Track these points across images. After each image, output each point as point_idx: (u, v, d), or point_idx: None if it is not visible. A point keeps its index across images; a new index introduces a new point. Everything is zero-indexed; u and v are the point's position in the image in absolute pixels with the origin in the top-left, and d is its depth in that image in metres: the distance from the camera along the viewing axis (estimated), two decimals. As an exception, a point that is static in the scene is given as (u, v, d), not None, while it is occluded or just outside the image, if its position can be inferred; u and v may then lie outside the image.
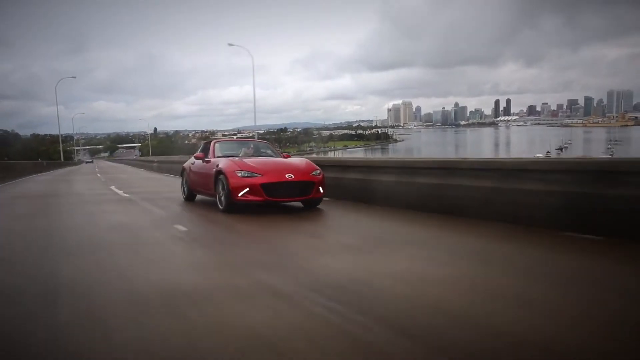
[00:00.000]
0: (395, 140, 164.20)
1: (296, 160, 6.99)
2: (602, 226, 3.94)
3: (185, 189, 8.07)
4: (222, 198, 6.19)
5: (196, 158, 7.45)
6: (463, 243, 4.11)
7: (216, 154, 7.11)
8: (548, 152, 76.53)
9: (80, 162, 60.86)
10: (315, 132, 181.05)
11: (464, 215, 5.20)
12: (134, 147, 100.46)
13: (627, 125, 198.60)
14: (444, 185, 5.64)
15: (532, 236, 4.17)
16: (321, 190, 6.27)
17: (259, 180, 5.87)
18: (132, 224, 5.57)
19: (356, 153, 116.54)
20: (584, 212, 4.13)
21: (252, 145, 7.94)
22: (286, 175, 5.99)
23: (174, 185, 10.72)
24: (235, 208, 6.06)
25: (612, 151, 74.74)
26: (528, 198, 4.59)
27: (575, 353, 1.85)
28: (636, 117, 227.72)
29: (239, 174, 5.95)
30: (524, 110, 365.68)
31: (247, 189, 5.83)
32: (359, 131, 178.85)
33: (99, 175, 20.45)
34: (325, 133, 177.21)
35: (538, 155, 66.40)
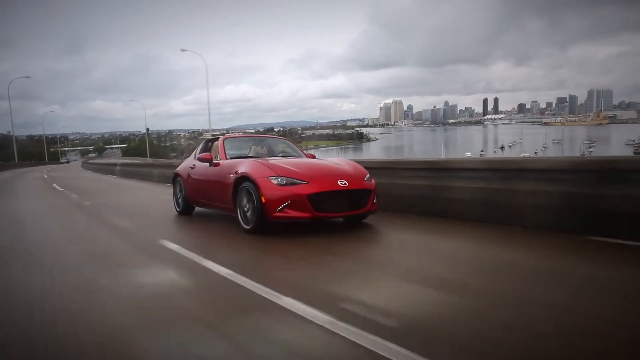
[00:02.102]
0: (369, 140, 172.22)
1: (340, 162, 5.37)
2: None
3: (180, 200, 6.43)
4: (249, 214, 4.57)
5: (200, 160, 5.67)
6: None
7: (228, 155, 5.59)
8: (482, 151, 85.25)
9: (64, 161, 68.96)
10: (299, 131, 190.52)
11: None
12: (119, 148, 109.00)
13: (601, 124, 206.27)
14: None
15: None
16: (375, 201, 4.86)
17: (303, 189, 4.32)
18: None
19: (329, 152, 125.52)
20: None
21: (267, 143, 6.47)
22: (338, 182, 4.47)
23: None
24: (267, 228, 4.49)
25: (541, 149, 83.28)
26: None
27: None
28: (615, 116, 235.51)
29: (275, 181, 4.38)
30: (515, 108, 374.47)
31: (288, 201, 4.27)
32: (336, 131, 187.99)
33: (45, 176, 22.46)
34: (309, 132, 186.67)
35: (467, 154, 75.26)
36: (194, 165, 6.07)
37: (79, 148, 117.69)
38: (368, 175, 4.97)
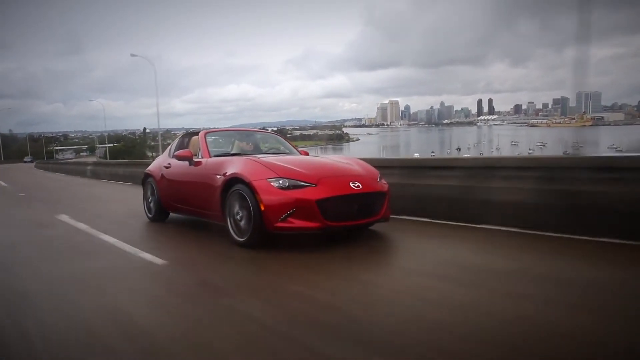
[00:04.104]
0: (348, 140, 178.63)
1: (345, 160, 4.61)
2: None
3: (152, 205, 5.55)
4: (242, 224, 3.86)
5: (178, 158, 4.82)
6: None
7: (212, 152, 4.74)
8: (433, 152, 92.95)
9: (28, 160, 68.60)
10: (289, 131, 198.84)
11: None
12: (108, 147, 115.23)
13: (584, 126, 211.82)
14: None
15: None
16: (389, 207, 4.19)
17: (311, 193, 3.63)
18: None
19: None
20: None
21: (254, 138, 5.52)
22: (351, 185, 3.81)
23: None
24: (266, 240, 3.80)
25: (491, 150, 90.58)
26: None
27: None
28: (602, 118, 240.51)
29: (275, 184, 3.68)
30: (511, 109, 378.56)
31: (293, 209, 3.58)
32: (320, 132, 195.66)
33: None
34: (296, 133, 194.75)
35: (415, 155, 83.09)
36: (170, 164, 5.29)
37: (74, 147, 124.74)
38: (379, 176, 4.30)
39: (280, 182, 3.71)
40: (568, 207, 4.03)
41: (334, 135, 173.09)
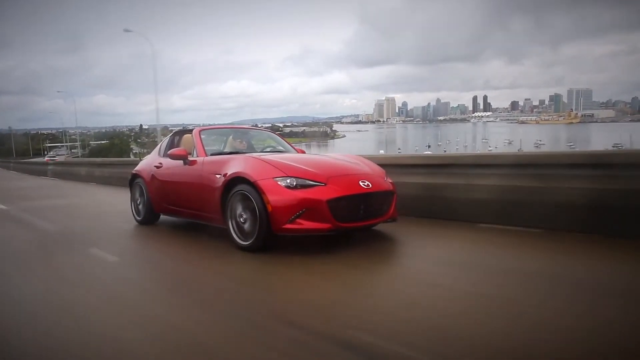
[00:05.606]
0: (333, 137, 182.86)
1: (350, 158, 4.50)
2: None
3: (141, 207, 5.31)
4: (246, 226, 3.72)
5: (172, 157, 4.62)
6: None
7: (208, 151, 4.57)
8: (399, 149, 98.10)
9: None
10: (280, 128, 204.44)
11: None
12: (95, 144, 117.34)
13: (572, 123, 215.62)
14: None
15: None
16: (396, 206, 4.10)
17: (321, 193, 3.54)
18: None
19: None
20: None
21: (249, 136, 5.36)
22: (360, 183, 3.75)
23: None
24: (273, 244, 3.68)
25: (457, 148, 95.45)
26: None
27: None
28: (592, 115, 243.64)
29: (282, 183, 3.56)
30: (509, 105, 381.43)
31: (303, 209, 3.48)
32: (308, 129, 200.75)
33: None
34: (286, 130, 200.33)
35: (381, 152, 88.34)
36: (161, 163, 5.04)
37: (68, 144, 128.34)
38: (385, 174, 4.27)
39: (288, 181, 3.54)
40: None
41: (318, 133, 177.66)
